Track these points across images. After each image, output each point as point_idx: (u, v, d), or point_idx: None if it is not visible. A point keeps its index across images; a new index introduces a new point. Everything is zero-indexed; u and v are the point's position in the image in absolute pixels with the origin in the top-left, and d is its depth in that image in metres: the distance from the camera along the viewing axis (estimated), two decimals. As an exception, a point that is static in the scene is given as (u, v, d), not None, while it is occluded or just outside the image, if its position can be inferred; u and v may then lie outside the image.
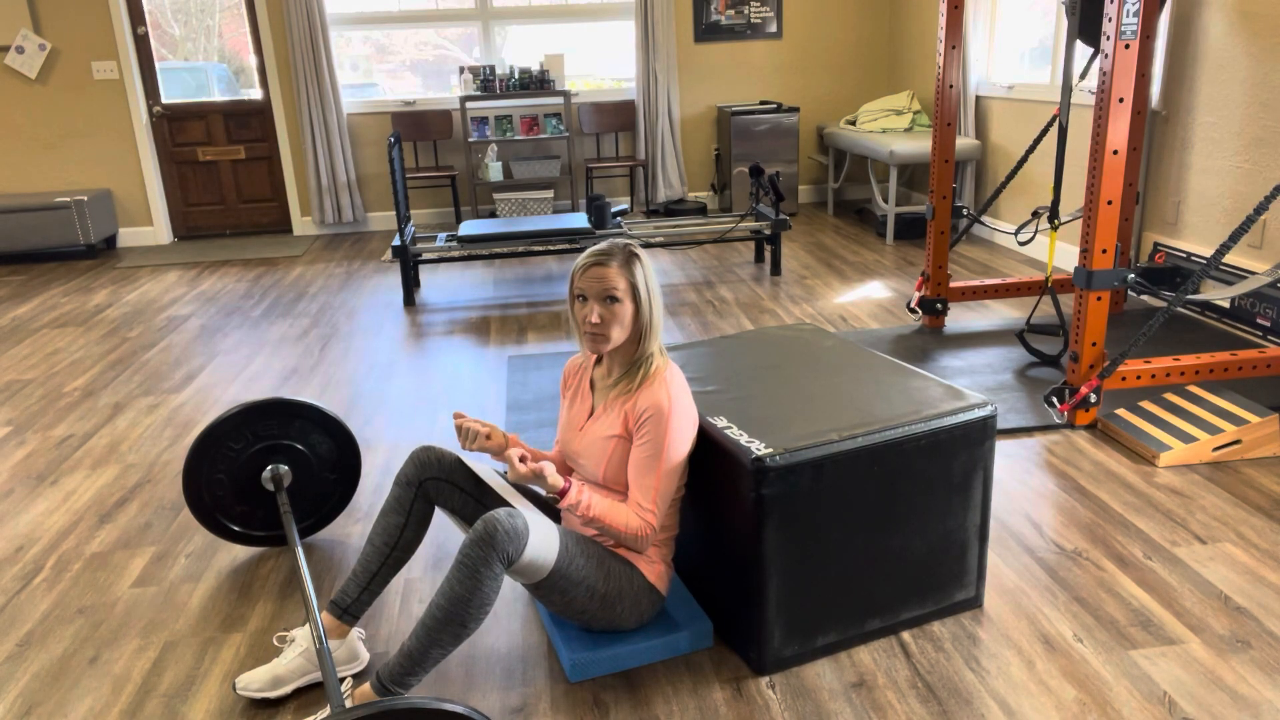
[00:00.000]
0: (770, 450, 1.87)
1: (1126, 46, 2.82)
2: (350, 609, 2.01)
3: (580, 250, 5.07)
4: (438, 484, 2.03)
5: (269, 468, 2.46)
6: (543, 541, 1.81)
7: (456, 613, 1.74)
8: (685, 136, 7.26)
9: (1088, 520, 2.56)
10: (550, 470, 1.82)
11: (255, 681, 1.95)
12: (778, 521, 1.89)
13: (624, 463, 1.94)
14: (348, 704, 1.80)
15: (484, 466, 2.04)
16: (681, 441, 1.92)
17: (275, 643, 2.08)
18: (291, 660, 1.98)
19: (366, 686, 1.81)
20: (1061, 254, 5.13)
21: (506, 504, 2.04)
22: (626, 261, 1.90)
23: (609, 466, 1.95)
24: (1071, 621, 2.13)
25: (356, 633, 2.07)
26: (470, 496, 2.06)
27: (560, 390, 2.18)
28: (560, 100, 6.96)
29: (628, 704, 1.92)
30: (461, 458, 2.05)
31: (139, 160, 6.73)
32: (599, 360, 2.07)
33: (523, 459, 1.82)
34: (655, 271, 1.94)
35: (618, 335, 1.91)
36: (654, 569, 2.00)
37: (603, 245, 1.93)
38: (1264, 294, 3.83)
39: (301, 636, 2.01)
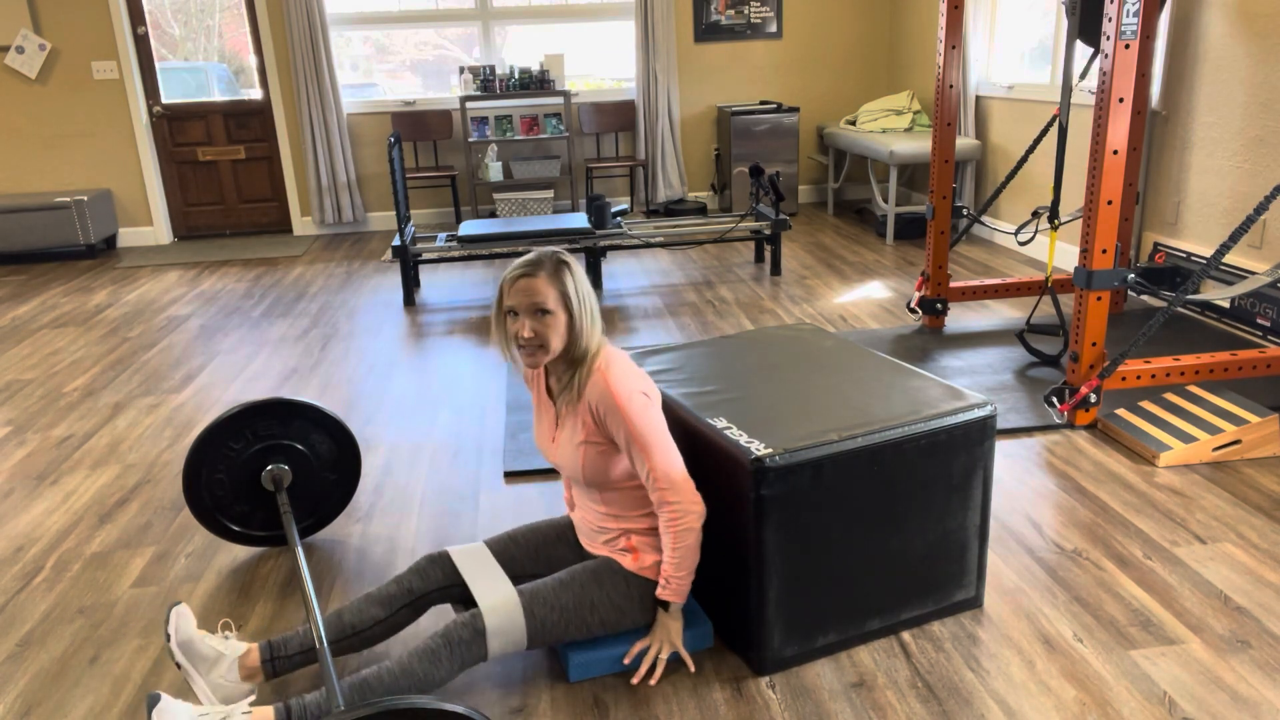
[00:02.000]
0: (770, 450, 1.87)
1: (1126, 46, 2.82)
2: (278, 664, 1.89)
3: (581, 250, 5.07)
4: (444, 591, 2.03)
5: (269, 468, 2.46)
6: (504, 627, 1.86)
7: (404, 686, 1.77)
8: (685, 136, 7.25)
9: (1088, 520, 2.56)
10: (670, 631, 1.97)
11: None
12: (778, 521, 1.89)
13: (598, 462, 1.92)
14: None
15: (468, 552, 2.06)
16: (644, 410, 1.85)
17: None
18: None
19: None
20: (1061, 254, 5.13)
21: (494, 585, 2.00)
22: (555, 271, 1.83)
23: (586, 469, 1.93)
24: (1071, 621, 2.13)
25: (249, 687, 1.90)
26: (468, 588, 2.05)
27: (528, 387, 2.14)
28: (560, 100, 6.96)
29: (628, 704, 1.92)
30: (451, 555, 2.05)
31: (139, 160, 6.73)
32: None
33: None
34: (585, 276, 1.89)
35: (556, 345, 1.86)
36: (650, 558, 1.99)
37: (530, 255, 1.86)
38: (1264, 294, 3.83)
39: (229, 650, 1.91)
